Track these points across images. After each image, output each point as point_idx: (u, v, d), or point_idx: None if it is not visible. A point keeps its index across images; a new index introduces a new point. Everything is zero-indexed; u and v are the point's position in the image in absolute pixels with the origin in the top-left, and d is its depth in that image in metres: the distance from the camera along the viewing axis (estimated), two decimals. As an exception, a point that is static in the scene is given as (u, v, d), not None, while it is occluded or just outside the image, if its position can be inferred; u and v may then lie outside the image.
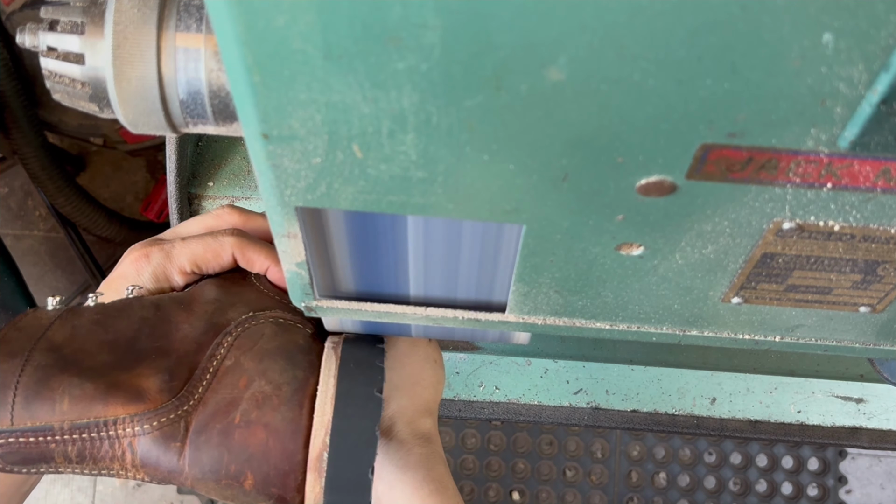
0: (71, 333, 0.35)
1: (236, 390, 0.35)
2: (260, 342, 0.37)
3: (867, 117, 0.21)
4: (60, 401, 0.33)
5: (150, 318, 0.37)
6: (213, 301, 0.38)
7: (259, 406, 0.35)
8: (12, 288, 0.88)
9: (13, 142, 0.92)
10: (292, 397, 0.35)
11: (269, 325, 0.38)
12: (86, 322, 0.36)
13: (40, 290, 1.38)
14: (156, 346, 0.35)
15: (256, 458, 0.35)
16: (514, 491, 1.25)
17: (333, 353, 0.38)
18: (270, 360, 0.36)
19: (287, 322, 0.39)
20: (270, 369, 0.36)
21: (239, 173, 0.65)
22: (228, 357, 0.36)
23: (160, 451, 0.34)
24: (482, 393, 0.78)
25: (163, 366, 0.35)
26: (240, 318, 0.38)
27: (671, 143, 0.22)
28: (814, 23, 0.19)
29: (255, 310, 0.38)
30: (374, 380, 0.37)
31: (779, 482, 1.26)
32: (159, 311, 0.37)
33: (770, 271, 0.30)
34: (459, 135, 0.23)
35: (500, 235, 0.29)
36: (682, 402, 0.78)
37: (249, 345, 0.37)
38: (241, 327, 0.37)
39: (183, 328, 0.37)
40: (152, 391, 0.34)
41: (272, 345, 0.37)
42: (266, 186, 0.26)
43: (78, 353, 0.34)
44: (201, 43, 0.28)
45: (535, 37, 0.19)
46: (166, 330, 0.36)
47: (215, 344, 0.36)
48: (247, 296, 0.39)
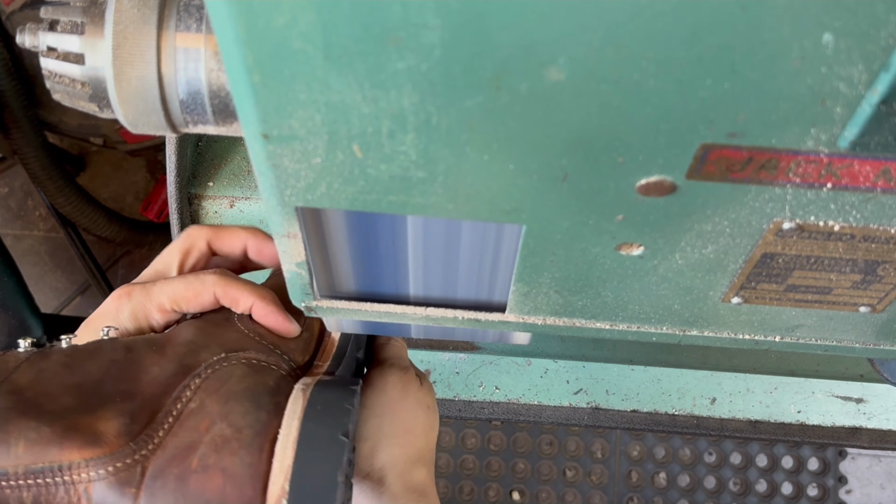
0: (36, 377, 0.34)
1: (196, 434, 0.34)
2: (228, 383, 0.36)
3: (867, 117, 0.21)
4: (16, 444, 0.32)
5: (119, 360, 0.36)
6: (186, 343, 0.37)
7: (218, 450, 0.34)
8: (12, 288, 0.88)
9: (13, 142, 0.92)
10: (252, 441, 0.34)
11: (241, 366, 0.37)
12: (52, 364, 0.35)
13: (40, 290, 1.38)
14: (121, 390, 0.34)
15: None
16: (514, 491, 1.25)
17: (301, 395, 0.36)
18: (235, 402, 0.35)
19: (261, 363, 0.37)
20: (233, 412, 0.35)
21: (239, 173, 0.65)
22: (194, 399, 0.35)
23: (115, 498, 0.32)
24: (482, 393, 0.78)
25: (125, 409, 0.34)
26: (211, 360, 0.36)
27: (671, 143, 0.22)
28: (814, 23, 0.19)
29: (229, 351, 0.37)
30: (340, 422, 0.35)
31: (779, 482, 1.26)
32: (130, 354, 0.36)
33: (770, 271, 0.30)
34: (459, 135, 0.23)
35: (500, 235, 0.29)
36: (682, 402, 0.78)
37: (216, 386, 0.35)
38: (210, 368, 0.36)
39: (152, 371, 0.35)
40: (110, 434, 0.33)
41: (240, 386, 0.36)
42: (266, 186, 0.26)
43: (40, 396, 0.33)
44: (201, 43, 0.28)
45: (535, 37, 0.19)
46: (134, 373, 0.35)
47: (182, 386, 0.35)
48: (224, 336, 0.38)
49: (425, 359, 0.79)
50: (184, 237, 0.42)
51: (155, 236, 1.18)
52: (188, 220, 0.64)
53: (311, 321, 0.42)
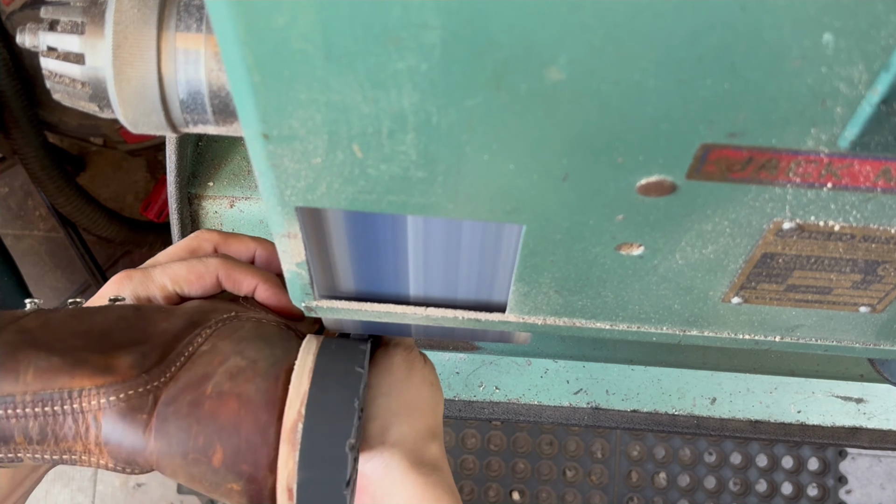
0: (44, 322, 0.34)
1: (210, 366, 0.34)
2: (240, 331, 0.36)
3: (867, 117, 0.21)
4: (25, 372, 0.31)
5: (128, 316, 0.35)
6: (195, 307, 0.37)
7: (232, 378, 0.33)
8: (12, 288, 0.88)
9: (13, 142, 0.92)
10: (268, 370, 0.34)
11: (251, 321, 0.37)
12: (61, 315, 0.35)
13: (40, 290, 1.38)
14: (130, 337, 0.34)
15: (227, 430, 0.33)
16: (514, 491, 1.25)
17: (315, 338, 0.37)
18: (247, 343, 0.35)
19: (270, 322, 0.38)
20: (247, 348, 0.35)
21: (239, 173, 0.65)
22: (206, 343, 0.35)
23: (125, 425, 0.32)
24: (482, 393, 0.78)
25: (136, 349, 0.33)
26: (221, 317, 0.37)
27: (671, 143, 0.22)
28: (814, 23, 0.19)
29: (239, 311, 0.37)
30: (355, 358, 0.35)
31: (779, 482, 1.26)
32: (139, 312, 0.36)
33: (770, 271, 0.30)
34: (459, 135, 0.23)
35: (500, 235, 0.29)
36: (682, 402, 0.78)
37: (228, 333, 0.35)
38: (221, 323, 0.36)
39: (161, 325, 0.35)
40: (122, 366, 0.32)
41: (252, 333, 0.36)
42: (266, 186, 0.26)
43: (49, 336, 0.33)
44: (201, 43, 0.28)
45: (535, 37, 0.19)
46: (143, 325, 0.35)
47: (193, 335, 0.35)
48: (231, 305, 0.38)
49: (425, 359, 0.78)
50: (192, 238, 0.42)
51: (155, 236, 1.18)
52: (188, 220, 0.64)
53: None
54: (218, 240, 0.42)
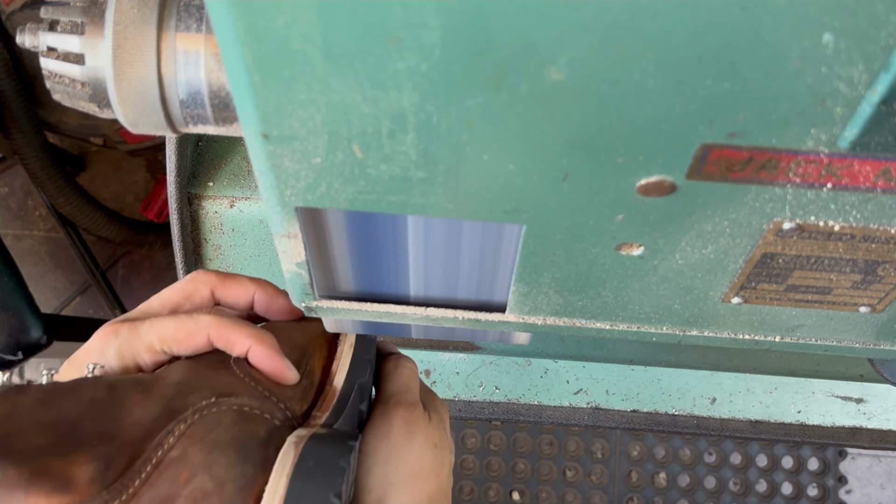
0: (9, 412, 0.31)
1: (175, 485, 0.31)
2: (214, 431, 0.33)
3: (867, 117, 0.21)
4: None
5: (101, 399, 0.33)
6: (175, 384, 0.34)
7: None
8: (12, 288, 0.88)
9: (13, 142, 0.92)
10: (235, 497, 0.31)
11: (231, 413, 0.34)
12: (28, 401, 0.32)
13: (40, 290, 1.38)
14: (100, 431, 0.32)
15: None
16: (514, 491, 1.25)
17: (293, 449, 0.33)
18: (220, 452, 0.32)
19: (252, 412, 0.35)
20: (217, 463, 0.32)
21: (239, 173, 0.65)
22: (176, 447, 0.32)
23: None
24: (482, 393, 0.78)
25: (102, 453, 0.31)
26: (199, 405, 0.34)
27: (671, 143, 0.22)
28: (814, 23, 0.19)
29: (220, 395, 0.34)
30: (332, 482, 0.33)
31: (779, 482, 1.26)
32: (113, 393, 0.33)
33: (770, 271, 0.30)
34: (459, 135, 0.23)
35: (500, 235, 0.29)
36: (682, 402, 0.78)
37: (202, 434, 0.32)
38: (198, 413, 0.33)
39: (135, 412, 0.33)
40: (82, 481, 0.30)
41: (227, 436, 0.33)
42: (266, 186, 0.26)
43: (11, 434, 0.31)
44: (201, 43, 0.28)
45: (535, 37, 0.19)
46: (116, 414, 0.32)
47: (165, 431, 0.32)
48: (216, 380, 0.35)
49: (425, 359, 0.79)
50: (188, 280, 0.39)
51: (155, 236, 1.18)
52: (188, 220, 0.64)
53: (312, 368, 0.39)
54: (215, 282, 0.39)
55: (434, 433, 0.41)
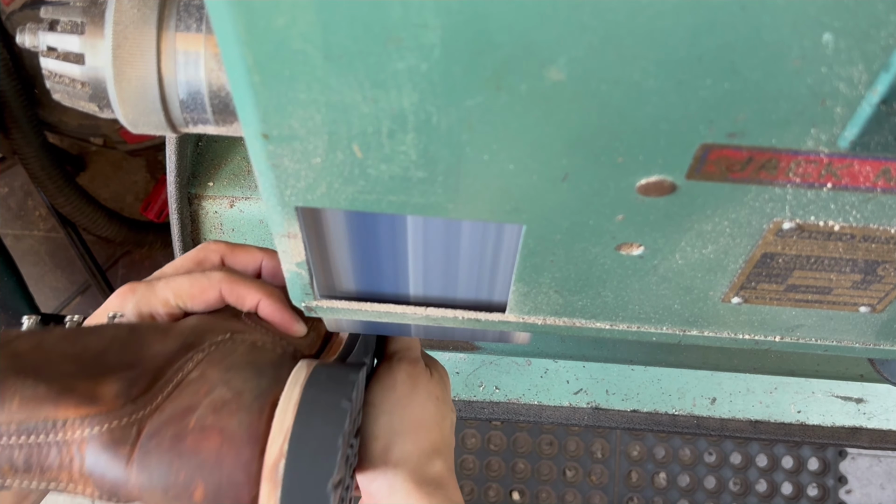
0: (36, 344, 0.33)
1: (196, 397, 0.33)
2: (231, 357, 0.35)
3: (867, 117, 0.21)
4: (10, 400, 0.31)
5: (122, 336, 0.35)
6: (191, 327, 0.37)
7: (216, 411, 0.33)
8: (12, 288, 0.88)
9: (13, 142, 0.92)
10: (252, 403, 0.33)
11: (245, 344, 0.36)
12: (54, 336, 0.34)
13: (40, 290, 1.38)
14: (122, 361, 0.34)
15: (208, 465, 0.32)
16: (514, 491, 1.25)
17: (305, 367, 0.36)
18: (236, 370, 0.34)
19: (265, 346, 0.37)
20: (235, 378, 0.34)
21: (239, 173, 0.65)
22: (195, 370, 0.34)
23: (108, 457, 0.32)
24: (482, 393, 0.78)
25: (125, 375, 0.33)
26: (216, 339, 0.36)
27: (671, 143, 0.22)
28: (814, 23, 0.19)
29: (235, 332, 0.37)
30: (343, 391, 0.35)
31: (779, 482, 1.26)
32: (133, 333, 0.36)
33: (770, 271, 0.30)
34: (459, 135, 0.23)
35: (500, 235, 0.29)
36: (682, 402, 0.78)
37: (219, 359, 0.35)
38: (214, 346, 0.36)
39: (154, 347, 0.35)
40: (108, 395, 0.32)
41: (243, 360, 0.35)
42: (266, 186, 0.26)
43: (39, 361, 0.33)
44: (201, 43, 0.28)
45: (535, 37, 0.19)
46: (137, 348, 0.35)
47: (185, 359, 0.35)
48: (230, 324, 0.38)
49: (425, 359, 0.78)
50: (199, 249, 0.41)
51: (155, 236, 1.18)
52: (188, 220, 0.64)
53: (318, 322, 0.41)
54: (225, 250, 0.41)
55: (436, 387, 0.43)
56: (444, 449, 0.42)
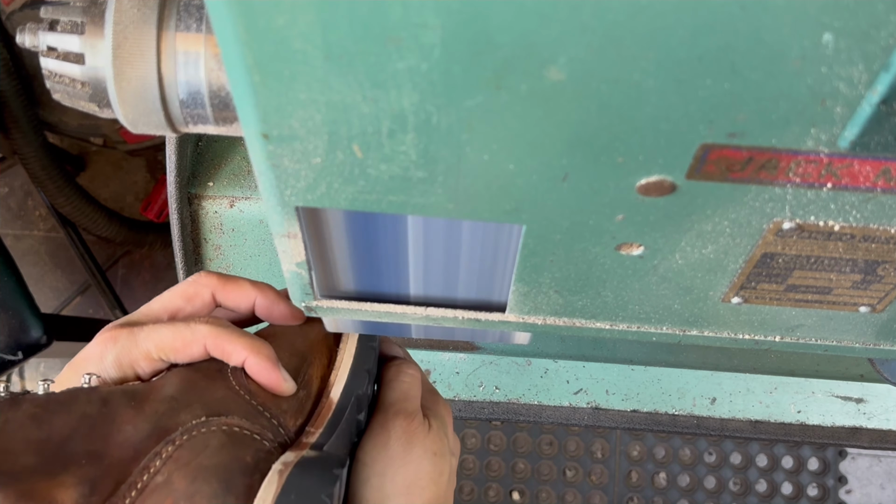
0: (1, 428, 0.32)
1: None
2: (200, 456, 0.33)
3: (867, 117, 0.21)
4: None
5: (92, 415, 0.33)
6: (167, 400, 0.35)
7: None
8: (12, 288, 0.88)
9: (13, 142, 0.92)
10: None
11: (220, 434, 0.34)
12: (21, 416, 0.32)
13: (40, 290, 1.38)
14: (89, 450, 0.32)
15: None
16: (514, 491, 1.25)
17: (276, 479, 0.34)
18: (203, 481, 0.32)
19: (243, 432, 0.35)
20: (200, 493, 0.32)
21: (239, 173, 0.65)
22: (162, 471, 0.32)
23: None
24: (482, 393, 0.78)
25: (88, 475, 0.31)
26: (189, 424, 0.34)
27: (671, 143, 0.22)
28: (814, 23, 0.19)
29: (211, 414, 0.35)
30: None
31: (779, 482, 1.26)
32: (105, 408, 0.34)
33: (770, 271, 0.30)
34: (459, 135, 0.23)
35: (499, 235, 0.29)
36: (682, 402, 0.78)
37: (188, 458, 0.33)
38: (187, 434, 0.34)
39: (125, 430, 0.33)
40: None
41: (212, 461, 0.33)
42: (266, 186, 0.26)
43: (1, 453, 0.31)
44: (201, 43, 0.28)
45: (535, 37, 0.19)
46: (106, 431, 0.33)
47: (153, 453, 0.33)
48: (210, 395, 0.35)
49: (425, 359, 0.79)
50: (189, 283, 0.40)
51: (155, 236, 1.18)
52: (188, 220, 0.64)
53: (310, 377, 0.39)
54: (217, 285, 0.39)
55: (433, 442, 0.41)
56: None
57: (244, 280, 0.40)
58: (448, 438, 0.43)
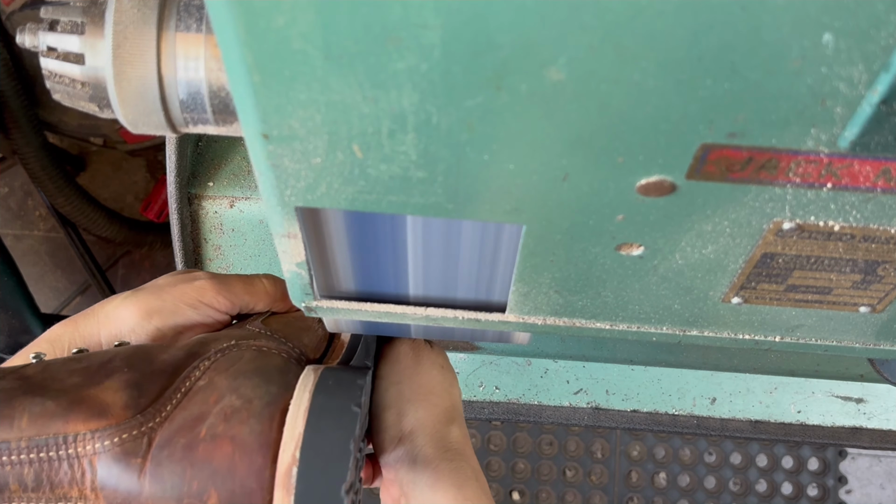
0: (44, 367, 0.34)
1: (206, 405, 0.33)
2: (237, 364, 0.36)
3: (867, 117, 0.21)
4: (20, 418, 0.31)
5: (127, 351, 0.36)
6: (198, 338, 0.38)
7: (227, 419, 0.33)
8: (12, 288, 0.88)
9: (13, 142, 0.92)
10: (263, 410, 0.34)
11: (250, 350, 0.37)
12: (60, 360, 0.35)
13: (40, 290, 1.38)
14: (129, 364, 0.34)
15: (221, 474, 0.32)
16: (514, 491, 1.25)
17: (313, 373, 0.36)
18: (245, 377, 0.35)
19: (271, 351, 0.38)
20: (244, 385, 0.34)
21: (239, 173, 0.65)
22: (203, 378, 0.35)
23: (120, 469, 0.32)
24: (482, 393, 0.78)
25: (133, 380, 0.33)
26: (221, 346, 0.37)
27: (671, 143, 0.22)
28: (814, 23, 0.19)
29: (240, 339, 0.37)
30: (352, 395, 0.35)
31: (779, 482, 1.25)
32: (139, 348, 0.36)
33: (770, 271, 0.30)
34: (459, 135, 0.23)
35: (500, 235, 0.29)
36: (682, 402, 0.78)
37: (226, 366, 0.35)
38: (220, 353, 0.36)
39: (161, 357, 0.35)
40: (117, 406, 0.32)
41: (249, 366, 0.36)
42: (266, 186, 0.26)
43: (47, 379, 0.33)
44: (201, 43, 0.28)
45: (535, 37, 0.19)
46: (143, 357, 0.35)
47: (191, 367, 0.35)
48: (234, 331, 0.39)
49: (425, 359, 0.78)
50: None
51: (155, 236, 1.18)
52: (188, 220, 0.64)
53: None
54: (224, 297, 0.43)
55: (438, 356, 0.44)
56: (457, 416, 0.42)
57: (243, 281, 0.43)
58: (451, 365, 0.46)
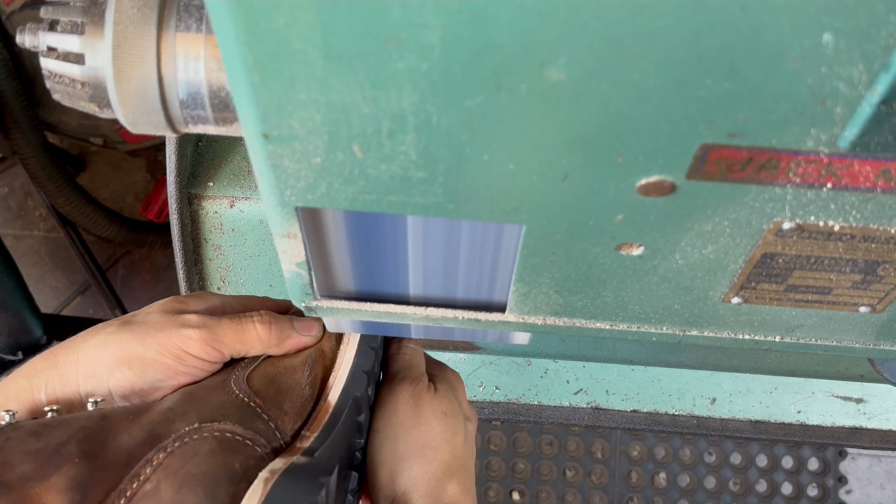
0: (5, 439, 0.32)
1: None
2: (189, 464, 0.34)
3: (867, 117, 0.21)
4: None
5: (90, 427, 0.34)
6: (164, 411, 0.35)
7: None
8: (12, 288, 0.88)
9: (13, 142, 0.92)
10: None
11: (211, 441, 0.35)
12: (22, 434, 0.33)
13: (40, 290, 1.38)
14: (83, 450, 0.33)
15: None
16: (514, 491, 1.25)
17: (261, 489, 0.34)
18: (189, 489, 0.33)
19: (234, 438, 0.35)
20: (184, 502, 0.33)
21: (239, 173, 0.65)
22: (151, 479, 0.33)
23: None
24: (482, 393, 0.78)
25: (79, 479, 0.32)
26: (182, 431, 0.34)
27: (671, 143, 0.22)
28: (814, 23, 0.19)
29: (204, 420, 0.35)
30: None
31: (779, 482, 1.25)
32: (103, 421, 0.34)
33: (770, 271, 0.30)
34: (459, 135, 0.23)
35: (500, 235, 0.29)
36: (682, 402, 0.78)
37: (177, 466, 0.33)
38: (178, 441, 0.34)
39: (121, 438, 0.34)
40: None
41: (200, 469, 0.34)
42: (266, 186, 0.26)
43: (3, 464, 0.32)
44: (201, 43, 0.28)
45: (535, 37, 0.19)
46: (102, 438, 0.34)
47: (145, 460, 0.33)
48: (207, 403, 0.36)
49: (425, 359, 0.78)
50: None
51: (155, 236, 1.18)
52: (188, 220, 0.64)
53: (315, 377, 0.40)
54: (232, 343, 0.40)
55: (441, 403, 0.42)
56: (458, 468, 0.40)
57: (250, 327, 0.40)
58: (459, 403, 0.44)
